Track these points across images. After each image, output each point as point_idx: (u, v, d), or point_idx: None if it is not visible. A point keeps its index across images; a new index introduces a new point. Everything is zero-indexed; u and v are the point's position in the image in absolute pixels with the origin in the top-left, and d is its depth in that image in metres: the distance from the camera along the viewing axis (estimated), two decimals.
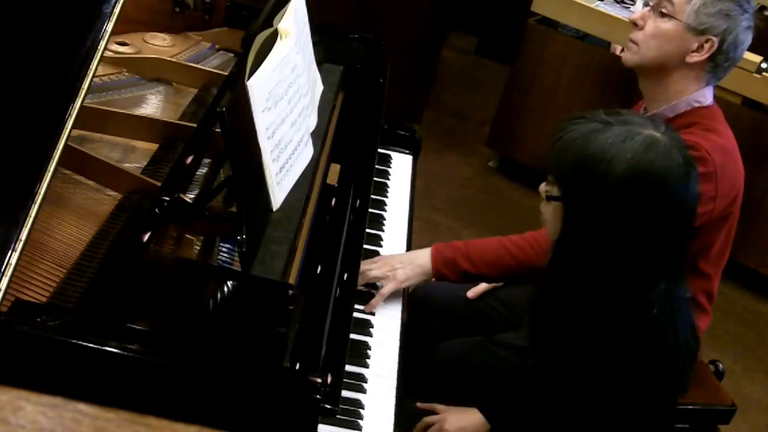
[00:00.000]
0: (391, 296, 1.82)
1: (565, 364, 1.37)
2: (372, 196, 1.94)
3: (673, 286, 1.36)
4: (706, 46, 1.77)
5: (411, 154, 2.34)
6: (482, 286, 2.09)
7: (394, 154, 2.30)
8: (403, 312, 1.80)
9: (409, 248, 1.99)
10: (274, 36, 1.56)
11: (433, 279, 1.92)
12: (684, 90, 1.82)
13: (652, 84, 1.86)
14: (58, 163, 1.24)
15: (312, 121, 1.79)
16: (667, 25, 1.79)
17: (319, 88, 1.93)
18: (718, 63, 1.79)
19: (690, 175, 1.30)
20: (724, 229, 1.86)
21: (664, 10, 1.80)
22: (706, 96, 1.84)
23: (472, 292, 2.09)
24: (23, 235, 1.17)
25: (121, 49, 2.04)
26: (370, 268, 1.80)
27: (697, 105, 1.83)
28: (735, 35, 1.76)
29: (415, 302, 2.10)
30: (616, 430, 1.41)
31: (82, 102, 1.32)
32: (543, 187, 1.41)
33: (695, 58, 1.78)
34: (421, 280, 1.89)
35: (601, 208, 1.30)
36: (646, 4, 1.88)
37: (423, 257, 1.89)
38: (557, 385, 1.39)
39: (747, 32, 1.78)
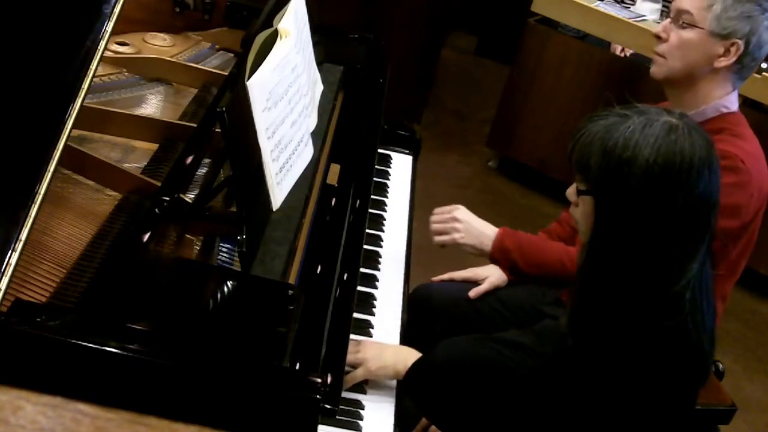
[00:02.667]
0: (391, 296, 1.82)
1: (604, 355, 1.37)
2: (372, 196, 1.94)
3: (704, 264, 1.37)
4: (732, 49, 1.77)
5: (411, 155, 2.34)
6: (484, 286, 2.09)
7: (394, 154, 2.30)
8: (403, 313, 1.80)
9: (409, 249, 1.99)
10: (274, 36, 1.56)
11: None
12: (711, 94, 1.83)
13: (681, 92, 1.86)
14: (58, 163, 1.24)
15: (312, 121, 1.79)
16: (690, 34, 1.80)
17: (319, 88, 1.93)
18: (745, 64, 1.80)
19: (711, 153, 1.32)
20: (748, 232, 1.86)
21: (685, 21, 1.80)
22: (732, 102, 1.86)
23: (473, 292, 2.09)
24: (23, 235, 1.17)
25: (121, 49, 2.04)
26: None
27: (725, 111, 1.84)
28: (759, 35, 1.76)
29: (415, 303, 2.10)
30: (646, 424, 1.41)
31: (82, 102, 1.32)
32: (571, 189, 1.43)
33: (723, 62, 1.78)
34: (475, 246, 1.92)
35: (632, 196, 1.31)
36: (661, 14, 1.88)
37: (490, 233, 1.92)
38: (594, 373, 1.38)
39: None
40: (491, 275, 2.11)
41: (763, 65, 3.13)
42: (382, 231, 2.00)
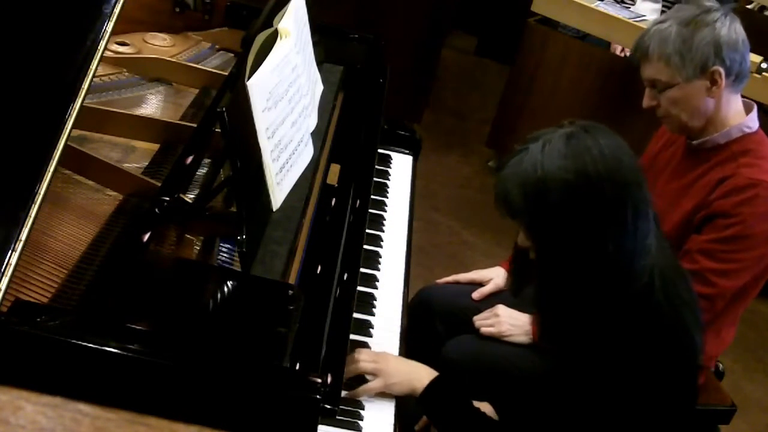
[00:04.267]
0: (391, 297, 1.82)
1: (586, 360, 1.38)
2: (372, 197, 1.94)
3: (657, 238, 1.38)
4: (716, 75, 1.78)
5: (411, 155, 2.34)
6: (488, 288, 2.09)
7: (394, 155, 2.30)
8: (403, 313, 1.80)
9: (409, 249, 1.99)
10: (274, 36, 1.56)
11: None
12: (729, 115, 1.85)
13: (702, 129, 1.88)
14: (58, 163, 1.24)
15: (312, 121, 1.79)
16: (672, 92, 1.82)
17: (319, 88, 1.93)
18: (736, 72, 1.80)
19: (615, 137, 1.35)
20: None
21: (659, 87, 1.83)
22: (754, 121, 1.87)
23: (477, 294, 2.08)
24: (23, 235, 1.17)
25: (121, 49, 2.04)
26: None
27: (748, 131, 1.86)
28: (726, 44, 1.76)
29: (416, 305, 2.10)
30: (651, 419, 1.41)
31: (82, 102, 1.32)
32: (520, 237, 1.46)
33: (717, 91, 1.80)
34: (522, 335, 1.93)
35: (561, 210, 1.33)
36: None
37: (527, 320, 1.93)
38: (584, 378, 1.39)
39: (731, 29, 1.78)
40: (496, 277, 2.11)
41: (764, 65, 3.13)
42: (382, 231, 2.00)
